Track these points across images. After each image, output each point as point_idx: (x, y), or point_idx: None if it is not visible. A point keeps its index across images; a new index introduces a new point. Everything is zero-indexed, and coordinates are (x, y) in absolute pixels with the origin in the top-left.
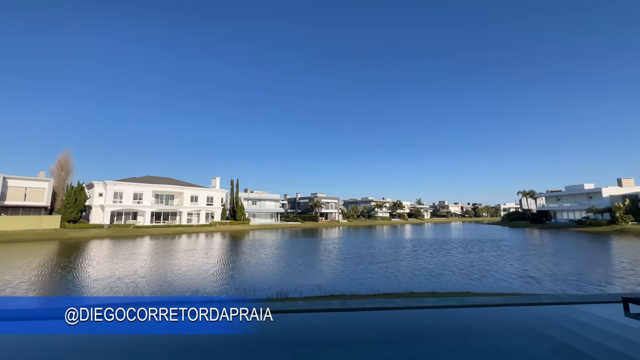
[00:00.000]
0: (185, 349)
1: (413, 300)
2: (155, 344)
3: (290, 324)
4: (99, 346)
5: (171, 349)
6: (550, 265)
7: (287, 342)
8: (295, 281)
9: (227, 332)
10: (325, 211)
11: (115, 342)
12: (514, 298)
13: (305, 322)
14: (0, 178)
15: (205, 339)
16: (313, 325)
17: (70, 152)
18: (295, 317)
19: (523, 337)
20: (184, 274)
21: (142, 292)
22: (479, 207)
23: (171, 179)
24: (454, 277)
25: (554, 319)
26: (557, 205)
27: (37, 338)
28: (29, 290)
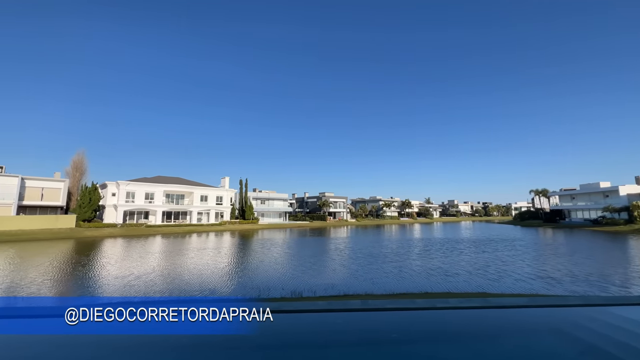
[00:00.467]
0: (185, 349)
1: (435, 301)
2: (155, 344)
3: (293, 323)
4: (99, 346)
5: (171, 349)
6: (569, 266)
7: (291, 342)
8: (309, 280)
9: (227, 332)
10: (334, 210)
11: (115, 342)
12: (539, 299)
13: (315, 322)
14: (18, 179)
15: (205, 339)
16: (322, 324)
17: (84, 153)
18: (304, 317)
19: (550, 338)
20: (200, 272)
21: (160, 290)
22: (489, 206)
23: (181, 179)
24: (471, 278)
25: (581, 321)
26: (571, 204)
27: (37, 338)
28: (53, 288)
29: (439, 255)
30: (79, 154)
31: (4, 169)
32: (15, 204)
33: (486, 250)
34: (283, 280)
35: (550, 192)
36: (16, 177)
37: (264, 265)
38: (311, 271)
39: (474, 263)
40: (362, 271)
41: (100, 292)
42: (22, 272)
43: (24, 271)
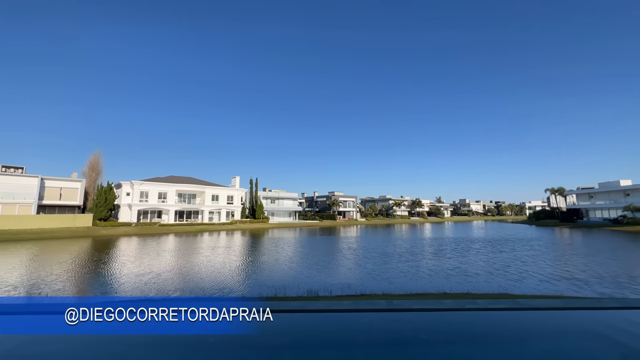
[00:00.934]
0: (185, 349)
1: (463, 302)
2: (155, 344)
3: (293, 323)
4: (99, 346)
5: (171, 349)
6: (593, 266)
7: (291, 342)
8: (325, 280)
9: (227, 332)
10: (343, 210)
11: (115, 342)
12: (572, 301)
13: (321, 322)
14: (38, 179)
15: (205, 339)
16: (326, 324)
17: (100, 154)
18: (304, 317)
19: (588, 341)
20: (219, 271)
21: (180, 288)
22: (502, 205)
23: (193, 179)
24: (492, 278)
25: (620, 324)
26: (589, 203)
27: (37, 337)
28: (79, 284)
29: (455, 255)
30: (95, 155)
31: (25, 169)
32: (36, 204)
33: (503, 250)
34: (300, 279)
35: (567, 190)
36: (36, 177)
37: (279, 264)
38: (327, 270)
39: (493, 263)
40: (378, 270)
41: (124, 290)
42: (48, 269)
43: (49, 268)
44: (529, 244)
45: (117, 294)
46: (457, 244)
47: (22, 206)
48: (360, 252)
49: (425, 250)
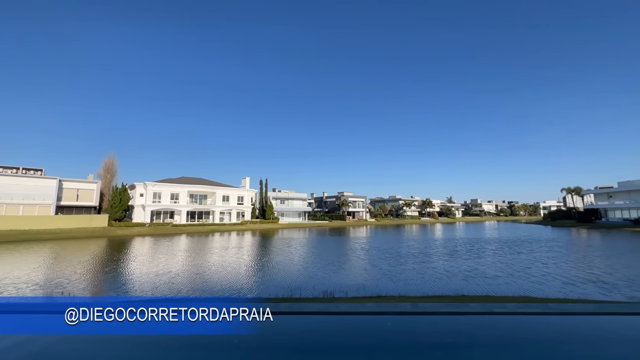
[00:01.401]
0: (185, 349)
1: (492, 305)
2: (155, 344)
3: (293, 324)
4: (99, 346)
5: (171, 349)
6: (620, 269)
7: (292, 343)
8: (341, 281)
9: (227, 332)
10: (353, 210)
11: (115, 342)
12: (606, 306)
13: (328, 323)
14: (56, 181)
15: (205, 339)
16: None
17: (115, 155)
18: (302, 319)
19: (623, 347)
20: (236, 271)
21: (200, 288)
22: (515, 205)
23: (204, 180)
24: (514, 280)
25: None
26: (608, 203)
27: (37, 338)
28: (103, 283)
29: (471, 256)
30: (109, 157)
31: (44, 171)
32: (54, 204)
33: (521, 251)
34: (315, 280)
35: (585, 190)
36: (54, 179)
37: (294, 265)
38: (342, 271)
39: (512, 265)
40: (394, 271)
41: (145, 289)
42: (71, 268)
43: (72, 267)
44: (547, 245)
45: (139, 293)
46: (472, 245)
47: (42, 207)
48: (373, 252)
49: (440, 251)
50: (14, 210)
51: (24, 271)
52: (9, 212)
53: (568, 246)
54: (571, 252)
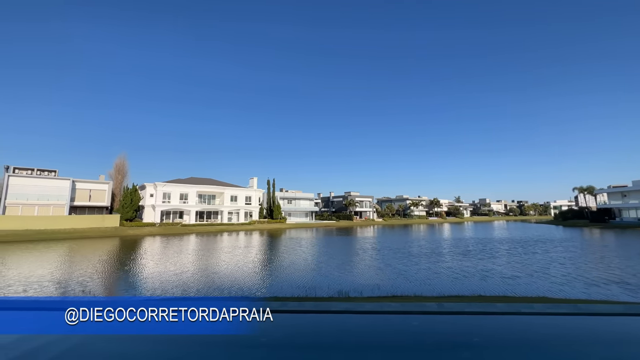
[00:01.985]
0: (185, 349)
1: (519, 306)
2: (156, 343)
3: (293, 324)
4: (99, 346)
5: (171, 349)
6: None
7: (294, 343)
8: (356, 280)
9: (227, 332)
10: (360, 210)
11: (115, 342)
12: (636, 307)
13: (337, 322)
14: (70, 182)
15: (205, 339)
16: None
17: (125, 156)
18: (303, 318)
19: None
20: (253, 270)
21: (220, 286)
22: (525, 205)
23: (212, 180)
24: (533, 281)
25: None
26: (622, 202)
27: (37, 338)
28: (126, 281)
29: (485, 255)
30: (120, 157)
31: (57, 172)
32: (68, 205)
33: (535, 251)
34: (331, 279)
35: (597, 189)
36: (68, 180)
37: (309, 264)
38: (357, 270)
39: (530, 265)
40: (410, 271)
41: (168, 287)
42: (93, 266)
43: (93, 265)
44: (561, 245)
45: (160, 291)
46: (484, 245)
47: (56, 207)
48: (385, 252)
49: (452, 250)
50: (30, 210)
51: (47, 269)
52: (25, 212)
53: (583, 246)
54: (588, 252)
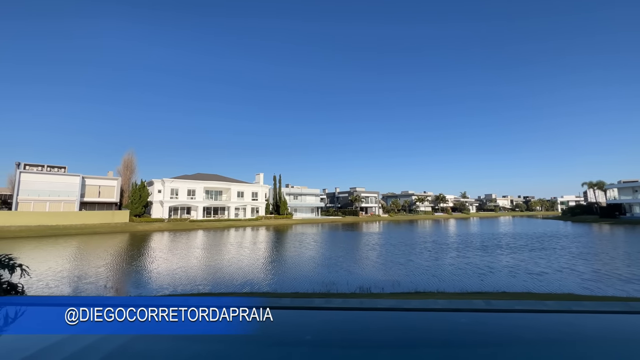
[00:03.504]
0: (186, 349)
1: (570, 303)
2: (156, 343)
3: (297, 322)
4: (99, 346)
5: (171, 349)
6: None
7: (296, 340)
8: (381, 277)
9: (227, 332)
10: (365, 205)
11: (115, 342)
12: None
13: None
14: (80, 178)
15: (206, 338)
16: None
17: (133, 153)
18: (303, 315)
19: None
20: (273, 266)
21: (247, 282)
22: (531, 201)
23: (219, 176)
24: (563, 277)
25: None
26: (632, 198)
27: (37, 338)
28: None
29: (505, 251)
30: (129, 154)
31: (67, 169)
32: (78, 201)
33: (554, 246)
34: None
35: (608, 184)
36: (78, 176)
37: (329, 260)
38: (380, 266)
39: (554, 261)
40: (433, 267)
41: (201, 281)
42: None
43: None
44: (578, 241)
45: (184, 285)
46: (499, 240)
47: (66, 203)
48: (402, 247)
49: (470, 245)
50: (41, 206)
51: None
52: (36, 208)
53: (602, 242)
54: (609, 248)
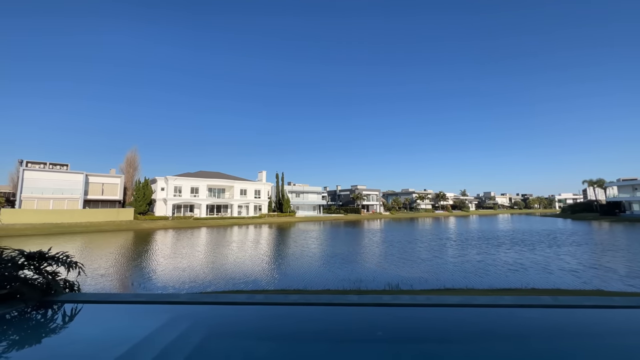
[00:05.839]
0: (186, 347)
1: (637, 299)
2: (156, 341)
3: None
4: (98, 345)
5: (171, 346)
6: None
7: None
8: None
9: (228, 328)
10: (367, 203)
11: (116, 339)
12: None
13: None
14: (83, 175)
15: (206, 337)
16: None
17: (136, 150)
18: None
19: None
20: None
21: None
22: (529, 198)
23: (221, 174)
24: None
25: None
26: (632, 196)
27: (52, 327)
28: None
29: (524, 247)
30: (132, 151)
31: (69, 166)
32: (82, 199)
33: (563, 243)
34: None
35: (607, 182)
36: (81, 173)
37: (355, 256)
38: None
39: (580, 257)
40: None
41: (226, 276)
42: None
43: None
44: (589, 238)
45: (207, 281)
46: (507, 237)
47: (70, 201)
48: (420, 244)
49: (486, 242)
50: (45, 204)
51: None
52: (40, 206)
53: (613, 239)
54: (623, 246)
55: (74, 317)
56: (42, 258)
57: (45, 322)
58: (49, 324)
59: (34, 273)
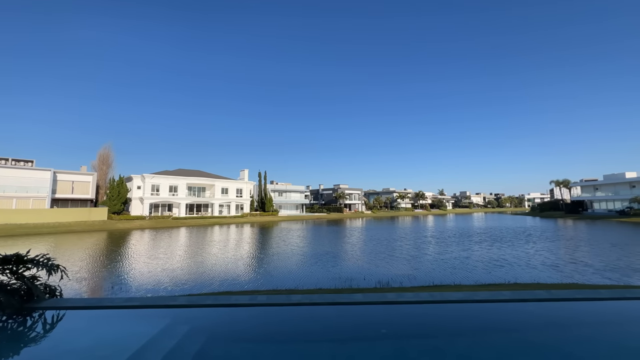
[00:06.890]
0: (186, 353)
1: (622, 291)
2: (153, 349)
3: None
4: (88, 356)
5: (171, 354)
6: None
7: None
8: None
9: (227, 328)
10: (349, 202)
11: (107, 348)
12: None
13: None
14: (51, 172)
15: (207, 342)
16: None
17: (110, 147)
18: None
19: None
20: (280, 267)
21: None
22: (501, 198)
23: (202, 172)
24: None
25: None
26: (592, 195)
27: (36, 337)
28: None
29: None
30: (105, 148)
31: (34, 162)
32: (49, 197)
33: (538, 240)
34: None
35: (572, 182)
36: (49, 170)
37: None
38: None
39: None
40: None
41: (212, 277)
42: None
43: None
44: (562, 235)
45: (193, 284)
46: (488, 235)
47: (36, 200)
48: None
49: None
50: (7, 203)
51: None
52: (2, 205)
53: (580, 235)
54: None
55: (59, 325)
56: (20, 261)
57: (27, 332)
58: (31, 334)
59: (11, 278)
